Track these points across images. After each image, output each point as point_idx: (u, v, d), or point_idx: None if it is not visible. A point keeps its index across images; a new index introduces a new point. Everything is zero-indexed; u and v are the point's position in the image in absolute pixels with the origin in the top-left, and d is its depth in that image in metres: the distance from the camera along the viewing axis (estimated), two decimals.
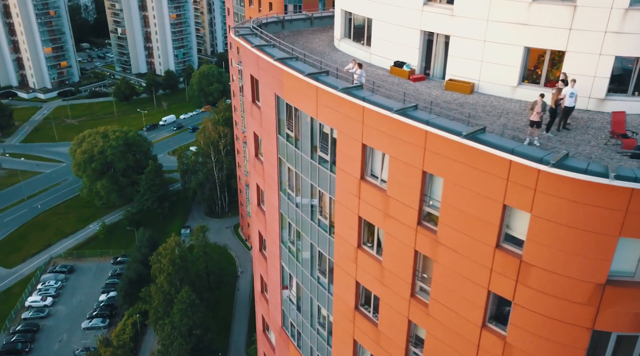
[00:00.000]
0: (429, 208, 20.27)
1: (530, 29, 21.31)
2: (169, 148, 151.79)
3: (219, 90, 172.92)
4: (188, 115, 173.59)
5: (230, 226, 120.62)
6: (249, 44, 27.92)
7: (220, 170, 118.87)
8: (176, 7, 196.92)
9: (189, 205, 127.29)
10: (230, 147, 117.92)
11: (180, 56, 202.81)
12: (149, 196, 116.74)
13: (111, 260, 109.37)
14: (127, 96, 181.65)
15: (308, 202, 27.21)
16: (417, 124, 18.75)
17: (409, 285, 21.90)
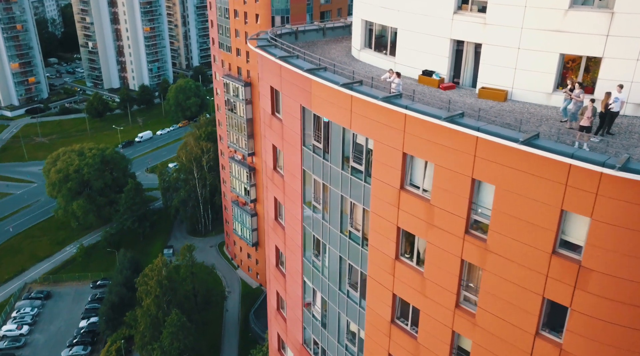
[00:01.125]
0: (477, 216, 20.70)
1: (566, 36, 22.08)
2: (147, 166, 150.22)
3: (196, 104, 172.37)
4: (165, 130, 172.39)
5: (215, 245, 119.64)
6: (272, 56, 28.20)
7: (204, 187, 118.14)
8: (150, 20, 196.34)
9: (171, 224, 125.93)
10: (213, 163, 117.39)
11: (155, 70, 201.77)
12: (129, 215, 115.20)
13: (90, 283, 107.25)
14: (100, 112, 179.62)
15: (337, 214, 27.41)
16: (468, 131, 19.23)
17: (453, 295, 22.21)
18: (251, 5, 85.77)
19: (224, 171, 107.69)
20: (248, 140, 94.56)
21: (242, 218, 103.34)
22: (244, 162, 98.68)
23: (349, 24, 36.98)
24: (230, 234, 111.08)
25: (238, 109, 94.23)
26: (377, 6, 28.35)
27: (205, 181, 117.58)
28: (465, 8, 24.74)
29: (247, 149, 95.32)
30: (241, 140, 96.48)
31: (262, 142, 33.52)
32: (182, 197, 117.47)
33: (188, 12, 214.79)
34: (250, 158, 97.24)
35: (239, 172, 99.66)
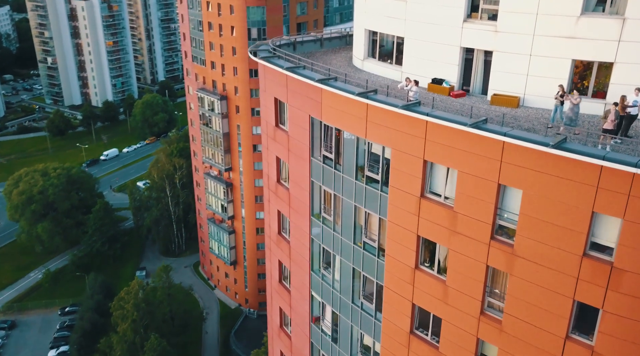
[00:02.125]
0: (502, 221, 21.30)
1: (578, 42, 23.08)
2: (114, 184, 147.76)
3: (164, 120, 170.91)
4: (132, 148, 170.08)
5: (190, 265, 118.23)
6: (279, 67, 28.53)
7: (177, 205, 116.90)
8: (113, 33, 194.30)
9: (143, 244, 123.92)
10: (186, 180, 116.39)
11: (119, 85, 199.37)
12: (98, 237, 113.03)
13: (59, 311, 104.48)
14: (62, 130, 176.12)
15: (350, 225, 27.71)
16: (494, 136, 19.87)
17: (478, 302, 22.70)
18: (226, 18, 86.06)
19: (199, 188, 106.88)
20: (225, 155, 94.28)
21: (219, 236, 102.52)
22: (221, 177, 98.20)
23: (346, 34, 37.62)
24: (207, 253, 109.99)
25: (214, 123, 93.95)
26: (383, 16, 29.01)
27: (178, 199, 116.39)
28: (475, 16, 25.57)
29: (224, 164, 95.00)
30: (217, 156, 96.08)
31: (265, 154, 33.67)
32: (154, 216, 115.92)
33: (152, 25, 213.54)
34: (227, 174, 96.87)
35: (215, 188, 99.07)
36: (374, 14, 29.64)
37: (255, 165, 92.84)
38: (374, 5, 29.53)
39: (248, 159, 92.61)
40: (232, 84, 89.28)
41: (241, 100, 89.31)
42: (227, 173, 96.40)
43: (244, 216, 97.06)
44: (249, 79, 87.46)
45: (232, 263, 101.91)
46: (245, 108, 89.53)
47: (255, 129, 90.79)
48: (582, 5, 22.49)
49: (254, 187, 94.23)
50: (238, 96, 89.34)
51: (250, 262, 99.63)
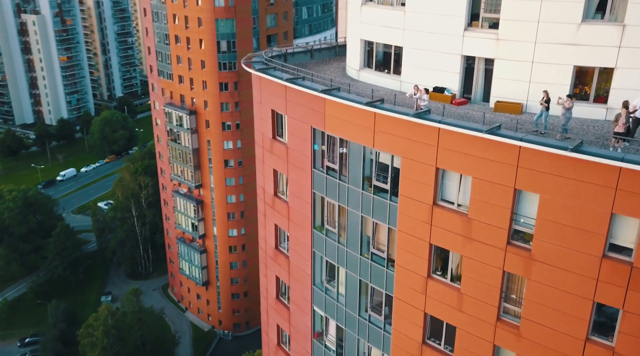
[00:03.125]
0: (518, 226, 22.01)
1: (579, 49, 24.20)
2: (73, 206, 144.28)
3: (124, 137, 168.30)
4: (90, 167, 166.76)
5: (158, 287, 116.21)
6: (279, 79, 28.84)
7: (143, 225, 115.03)
8: (66, 48, 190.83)
9: (107, 268, 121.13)
10: (153, 199, 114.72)
11: (74, 102, 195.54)
12: (59, 262, 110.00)
13: (18, 342, 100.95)
14: (14, 150, 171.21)
15: (357, 236, 28.04)
16: (511, 142, 20.61)
17: (494, 309, 23.29)
18: (194, 31, 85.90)
19: (167, 207, 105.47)
20: (195, 172, 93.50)
21: (189, 256, 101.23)
22: (191, 195, 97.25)
23: (335, 45, 38.25)
24: (176, 274, 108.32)
25: (182, 139, 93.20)
26: (380, 26, 29.70)
27: (144, 219, 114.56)
28: (475, 25, 26.50)
29: (194, 181, 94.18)
30: (187, 172, 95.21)
31: (260, 167, 33.76)
32: (119, 238, 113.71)
33: (108, 39, 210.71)
34: (197, 191, 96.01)
35: (185, 206, 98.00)
36: (371, 25, 30.32)
37: (227, 181, 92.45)
38: (371, 16, 30.22)
39: (219, 175, 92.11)
40: (202, 98, 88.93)
41: (211, 114, 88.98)
42: (198, 190, 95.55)
43: (216, 234, 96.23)
44: (219, 92, 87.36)
45: (204, 284, 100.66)
46: (215, 123, 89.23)
47: (227, 144, 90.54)
48: (583, 12, 23.60)
49: (226, 203, 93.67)
50: (208, 110, 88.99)
51: (223, 282, 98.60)
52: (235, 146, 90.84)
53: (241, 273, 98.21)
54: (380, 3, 29.94)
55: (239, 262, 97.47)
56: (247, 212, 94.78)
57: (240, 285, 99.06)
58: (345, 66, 34.94)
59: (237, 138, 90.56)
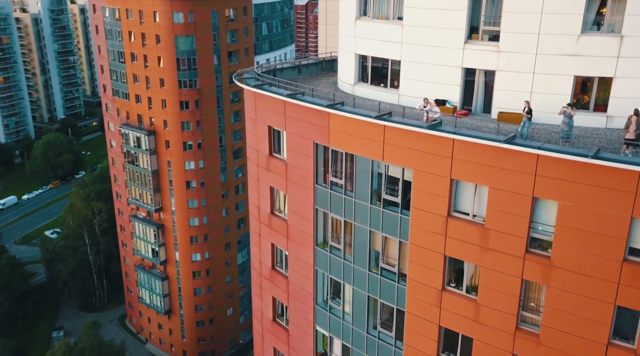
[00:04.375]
0: (536, 234, 22.98)
1: (579, 59, 25.65)
2: (16, 236, 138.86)
3: (70, 161, 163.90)
4: (33, 194, 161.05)
5: (115, 319, 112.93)
6: (279, 95, 29.22)
7: (97, 254, 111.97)
8: (2, 69, 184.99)
9: (58, 301, 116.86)
10: (107, 225, 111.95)
11: (12, 126, 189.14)
12: (5, 297, 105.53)
13: None
14: None
15: (365, 251, 28.47)
16: (530, 151, 21.63)
17: (513, 318, 24.10)
18: (152, 48, 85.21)
19: (124, 233, 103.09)
20: (154, 195, 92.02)
21: (150, 283, 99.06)
22: (150, 219, 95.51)
23: (321, 60, 38.94)
24: (135, 304, 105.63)
25: (141, 161, 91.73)
26: (376, 40, 30.54)
27: (98, 246, 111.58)
28: (475, 38, 27.67)
29: (154, 205, 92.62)
30: (146, 196, 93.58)
31: (255, 185, 33.83)
32: (71, 268, 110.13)
33: (48, 58, 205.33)
34: (157, 215, 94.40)
35: (145, 231, 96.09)
36: (366, 39, 31.11)
37: (189, 203, 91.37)
38: (366, 31, 31.02)
39: (181, 197, 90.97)
40: (161, 117, 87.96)
41: (171, 134, 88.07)
42: (158, 214, 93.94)
43: (178, 259, 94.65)
44: (180, 111, 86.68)
45: (167, 313, 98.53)
46: (176, 143, 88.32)
47: (188, 164, 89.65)
48: (582, 24, 25.08)
49: (188, 227, 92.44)
50: (168, 130, 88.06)
51: (187, 310, 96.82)
52: (198, 166, 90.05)
53: (206, 300, 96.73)
54: (376, 17, 30.80)
55: (204, 287, 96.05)
56: (210, 235, 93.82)
57: (205, 312, 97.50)
58: (336, 81, 35.65)
59: (199, 158, 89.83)
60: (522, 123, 24.68)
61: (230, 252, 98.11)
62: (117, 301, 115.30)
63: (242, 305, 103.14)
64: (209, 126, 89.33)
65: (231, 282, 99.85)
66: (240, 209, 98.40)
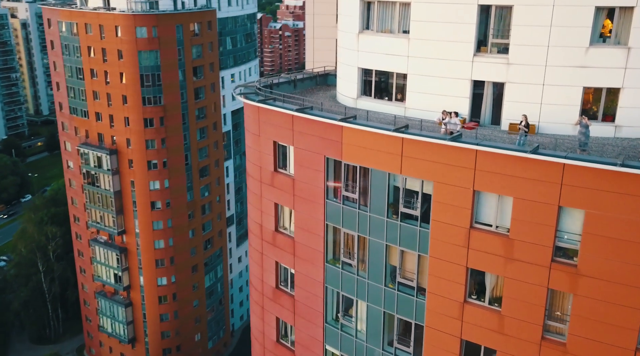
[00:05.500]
0: (562, 243, 23.85)
1: (588, 71, 26.93)
2: None
3: (15, 184, 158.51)
4: None
5: (72, 350, 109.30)
6: (287, 110, 29.49)
7: (52, 282, 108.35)
8: None
9: (8, 333, 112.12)
10: (62, 250, 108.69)
11: None
12: None
13: None
14: None
15: (380, 266, 28.79)
16: (556, 160, 22.54)
17: (539, 328, 24.82)
18: (114, 64, 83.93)
19: (82, 258, 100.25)
20: (117, 217, 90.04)
21: (111, 311, 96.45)
22: (112, 243, 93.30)
23: (315, 75, 39.36)
24: (95, 334, 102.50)
25: (102, 182, 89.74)
26: (381, 54, 31.17)
27: (53, 274, 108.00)
28: (484, 50, 28.66)
29: (116, 227, 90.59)
30: (107, 218, 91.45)
31: (256, 202, 33.75)
32: (23, 298, 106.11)
33: None
34: (120, 238, 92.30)
35: (106, 255, 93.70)
36: (370, 53, 31.68)
37: (154, 224, 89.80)
38: (370, 45, 31.59)
39: (145, 219, 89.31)
40: (124, 135, 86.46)
41: (135, 153, 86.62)
42: (121, 237, 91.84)
43: (143, 284, 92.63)
44: (144, 128, 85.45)
45: (130, 341, 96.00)
46: (140, 162, 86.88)
47: (153, 184, 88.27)
48: (590, 36, 26.38)
49: (153, 249, 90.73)
50: (131, 149, 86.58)
51: (152, 337, 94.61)
52: (163, 186, 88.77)
53: (173, 326, 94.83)
54: (379, 31, 31.48)
55: (170, 313, 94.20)
56: (177, 258, 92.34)
57: (172, 339, 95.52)
58: (333, 94, 36.12)
59: (164, 178, 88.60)
60: (519, 137, 25.42)
61: (197, 274, 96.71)
62: (73, 331, 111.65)
63: (210, 330, 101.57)
64: (174, 144, 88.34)
65: (199, 306, 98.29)
66: (206, 230, 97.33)
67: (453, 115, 26.59)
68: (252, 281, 36.72)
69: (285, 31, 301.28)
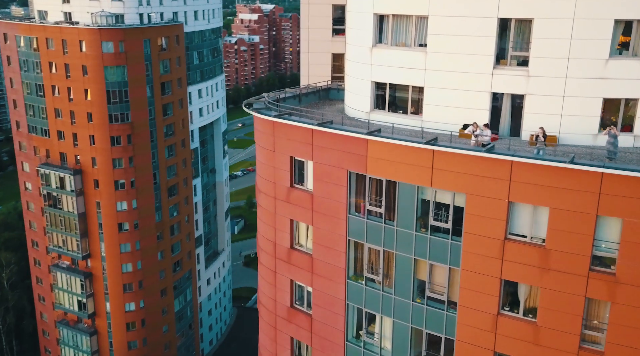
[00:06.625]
0: (599, 252, 24.68)
1: (607, 82, 28.12)
2: None
3: None
4: None
5: None
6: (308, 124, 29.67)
7: (6, 312, 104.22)
8: None
9: None
10: (17, 278, 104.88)
11: None
12: None
13: None
14: None
15: (408, 280, 29.07)
16: (596, 170, 23.41)
17: (576, 337, 25.50)
18: (78, 80, 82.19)
19: (41, 285, 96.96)
20: (81, 240, 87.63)
21: (74, 340, 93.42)
22: (75, 268, 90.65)
23: (319, 89, 39.66)
24: None
25: (64, 204, 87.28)
26: (396, 67, 31.70)
27: (7, 303, 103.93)
28: (503, 63, 29.57)
29: (80, 252, 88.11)
30: (70, 242, 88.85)
31: (269, 219, 33.53)
32: None
33: None
34: (84, 263, 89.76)
35: (69, 281, 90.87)
36: (384, 66, 32.17)
37: (121, 247, 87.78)
38: (384, 58, 32.07)
39: (112, 241, 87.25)
40: (88, 155, 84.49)
41: (101, 172, 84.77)
42: (85, 261, 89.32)
43: (110, 311, 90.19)
44: (111, 147, 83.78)
45: None
46: (106, 182, 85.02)
47: (120, 205, 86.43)
48: (610, 49, 27.60)
49: (120, 274, 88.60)
50: (97, 168, 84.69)
51: None
52: (130, 206, 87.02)
53: (141, 353, 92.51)
54: (394, 45, 32.04)
55: (139, 340, 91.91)
56: (146, 281, 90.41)
57: None
58: (340, 108, 36.46)
59: (132, 198, 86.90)
60: (537, 150, 26.30)
61: (167, 298, 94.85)
62: None
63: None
64: (142, 162, 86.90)
65: (168, 332, 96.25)
66: (175, 251, 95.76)
67: (483, 126, 27.21)
68: (262, 300, 36.37)
69: (240, 45, 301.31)
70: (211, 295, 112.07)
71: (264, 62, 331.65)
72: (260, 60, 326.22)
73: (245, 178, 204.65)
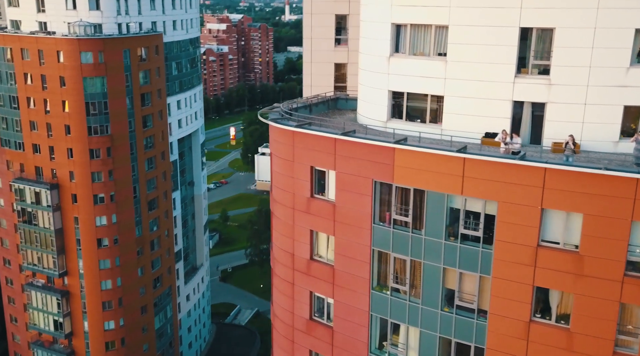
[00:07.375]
0: (634, 257, 25.33)
1: (628, 90, 29.00)
2: None
3: None
4: None
5: None
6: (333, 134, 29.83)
7: None
8: None
9: None
10: None
11: None
12: None
13: None
14: None
15: (436, 290, 29.30)
16: (632, 176, 24.09)
17: (611, 343, 26.06)
18: (55, 92, 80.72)
19: (14, 305, 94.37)
20: (58, 257, 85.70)
21: None
22: (51, 286, 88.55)
23: (328, 99, 39.89)
24: None
25: (40, 220, 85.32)
26: (415, 76, 32.13)
27: None
28: (524, 72, 30.25)
29: (57, 269, 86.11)
30: (46, 259, 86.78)
31: (287, 231, 33.41)
32: None
33: None
34: (60, 281, 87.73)
35: (44, 300, 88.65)
36: (402, 76, 32.57)
37: (100, 263, 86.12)
38: (402, 67, 32.49)
39: (91, 258, 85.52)
40: (66, 168, 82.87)
41: (79, 187, 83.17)
42: (62, 279, 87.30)
43: (88, 330, 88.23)
44: (89, 160, 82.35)
45: None
46: (85, 197, 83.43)
47: (100, 220, 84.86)
48: (630, 57, 28.51)
49: (99, 291, 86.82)
50: (75, 182, 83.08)
51: None
52: (110, 221, 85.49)
53: None
54: (412, 54, 32.47)
55: None
56: (126, 298, 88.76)
57: None
58: (352, 117, 36.73)
59: (111, 212, 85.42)
60: (566, 157, 26.99)
61: (147, 316, 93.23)
62: None
63: None
64: (122, 176, 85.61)
65: (148, 350, 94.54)
66: (155, 267, 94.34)
67: (514, 134, 27.73)
68: (277, 313, 36.15)
69: (209, 56, 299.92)
70: (190, 311, 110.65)
71: (233, 73, 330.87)
72: (230, 70, 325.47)
73: (218, 190, 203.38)
